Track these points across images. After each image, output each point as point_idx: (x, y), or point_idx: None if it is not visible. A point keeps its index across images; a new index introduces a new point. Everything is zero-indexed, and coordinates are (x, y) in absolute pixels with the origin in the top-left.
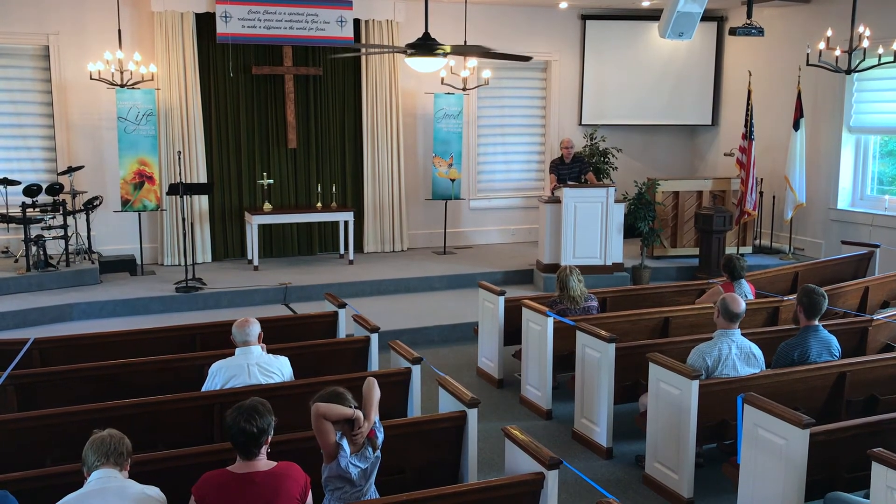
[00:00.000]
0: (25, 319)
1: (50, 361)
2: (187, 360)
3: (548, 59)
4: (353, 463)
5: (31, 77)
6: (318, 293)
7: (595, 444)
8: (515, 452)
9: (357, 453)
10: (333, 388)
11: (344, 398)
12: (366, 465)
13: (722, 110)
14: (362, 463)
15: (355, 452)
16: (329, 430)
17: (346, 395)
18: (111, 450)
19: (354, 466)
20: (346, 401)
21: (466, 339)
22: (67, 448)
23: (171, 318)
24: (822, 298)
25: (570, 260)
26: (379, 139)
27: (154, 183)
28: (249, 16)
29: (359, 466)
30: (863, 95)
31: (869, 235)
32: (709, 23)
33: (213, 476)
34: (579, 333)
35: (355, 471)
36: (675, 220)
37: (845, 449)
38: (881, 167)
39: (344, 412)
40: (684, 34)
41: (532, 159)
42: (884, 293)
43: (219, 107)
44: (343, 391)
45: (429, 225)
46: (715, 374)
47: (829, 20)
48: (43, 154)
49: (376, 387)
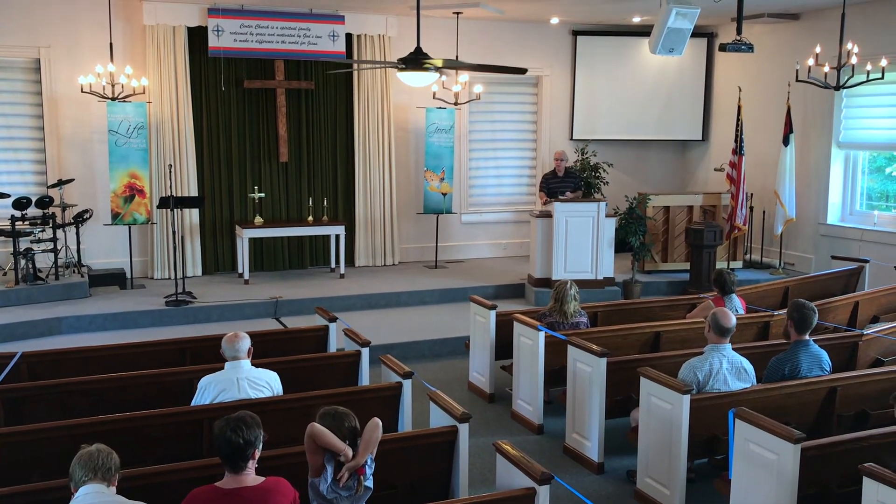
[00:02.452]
0: (14, 333)
1: (38, 375)
2: (177, 374)
3: (539, 75)
4: (334, 489)
5: (21, 90)
6: (309, 307)
7: (586, 459)
8: (507, 467)
9: (341, 485)
10: (337, 409)
11: (344, 420)
12: (348, 494)
13: (712, 126)
14: (344, 492)
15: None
16: (317, 451)
17: (348, 417)
18: (99, 465)
19: (334, 493)
20: (346, 422)
21: (458, 354)
22: (55, 463)
23: (160, 332)
24: (813, 313)
25: (561, 274)
26: (371, 153)
27: (144, 196)
28: (241, 30)
29: (340, 494)
30: (852, 111)
31: (858, 250)
32: (699, 39)
33: (200, 492)
34: (571, 348)
35: (335, 497)
36: (666, 235)
37: (836, 464)
38: (870, 182)
39: (335, 444)
40: (675, 50)
41: (523, 174)
42: (874, 308)
43: (210, 120)
44: (346, 413)
45: (420, 239)
46: (706, 389)
47: (818, 37)
48: (33, 167)
49: (379, 430)
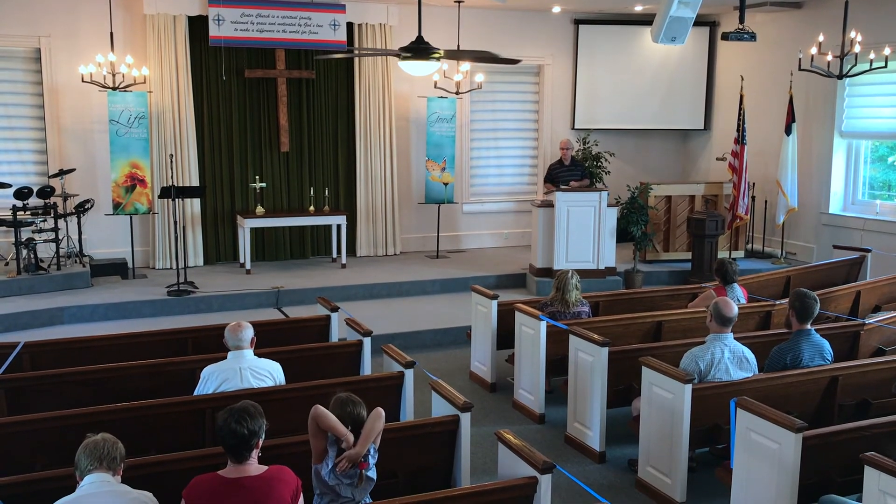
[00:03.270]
0: (16, 323)
1: (40, 365)
2: (179, 363)
3: (541, 64)
4: (335, 475)
5: (22, 80)
6: (311, 297)
7: (588, 448)
8: (508, 456)
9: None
10: (346, 395)
11: (348, 405)
12: (350, 482)
13: (714, 115)
14: (346, 479)
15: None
16: (319, 435)
17: (355, 404)
18: (104, 454)
19: (336, 479)
20: (349, 408)
21: (459, 343)
22: (58, 452)
23: (162, 322)
24: (815, 302)
25: (562, 264)
26: (372, 142)
27: (146, 186)
28: (242, 19)
29: (342, 482)
30: (854, 100)
31: (860, 240)
32: (701, 27)
33: (203, 480)
34: (572, 337)
35: (337, 483)
36: (668, 225)
37: (838, 453)
38: (872, 172)
39: (336, 428)
40: (677, 39)
41: (525, 163)
42: (875, 297)
43: (211, 110)
44: (355, 401)
45: (422, 229)
46: (708, 378)
47: (820, 25)
48: (34, 157)
49: (381, 420)
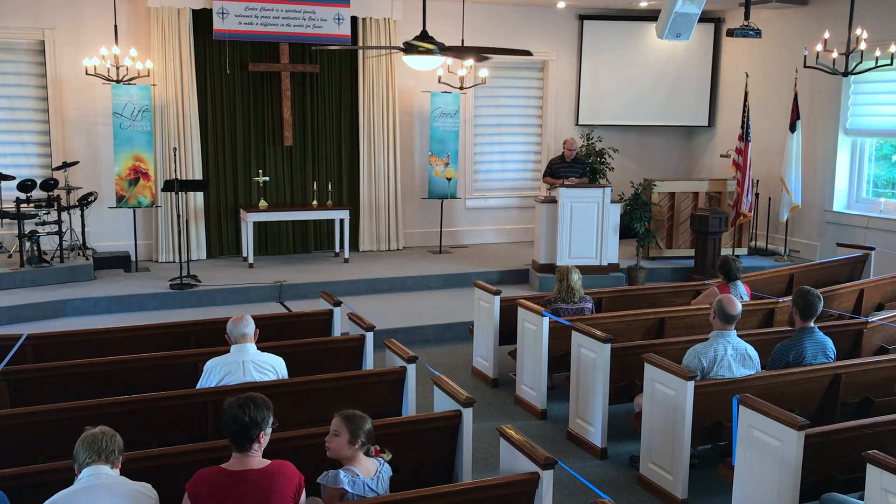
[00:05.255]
0: (19, 315)
1: (43, 357)
2: (181, 357)
3: (545, 59)
4: (366, 483)
5: (26, 72)
6: (314, 291)
7: (590, 445)
8: (510, 452)
9: (370, 476)
10: (352, 412)
11: (365, 422)
12: (375, 486)
13: (719, 112)
14: (371, 482)
15: (367, 475)
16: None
17: (364, 418)
18: (103, 447)
19: (365, 486)
20: (362, 425)
21: (462, 339)
22: (59, 445)
23: (165, 315)
24: (818, 300)
25: (565, 260)
26: (375, 137)
27: (149, 179)
28: (246, 12)
29: (371, 488)
30: (859, 98)
31: (864, 238)
32: (706, 24)
33: (206, 473)
34: (575, 333)
35: (364, 489)
36: (671, 221)
37: (840, 451)
38: (877, 170)
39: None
40: (682, 35)
41: (528, 159)
42: (879, 296)
43: (215, 103)
44: (362, 415)
45: (425, 224)
46: (710, 376)
47: (826, 22)
48: (38, 149)
49: None
